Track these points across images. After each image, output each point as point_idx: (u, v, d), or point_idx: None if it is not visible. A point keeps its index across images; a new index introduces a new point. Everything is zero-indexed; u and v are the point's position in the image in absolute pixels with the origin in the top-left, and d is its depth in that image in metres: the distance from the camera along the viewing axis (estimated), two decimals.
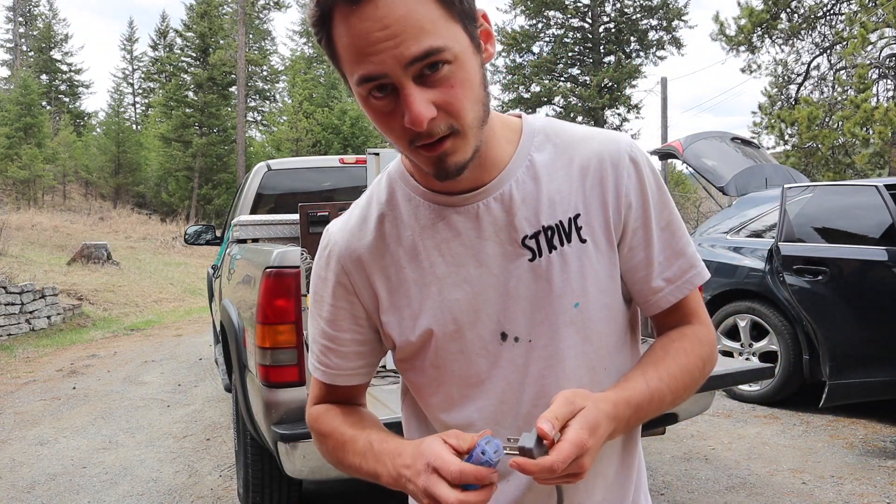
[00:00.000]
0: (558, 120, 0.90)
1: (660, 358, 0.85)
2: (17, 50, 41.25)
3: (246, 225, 3.74)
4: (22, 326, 8.45)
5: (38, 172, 26.15)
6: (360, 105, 0.75)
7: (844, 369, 4.02)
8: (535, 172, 0.84)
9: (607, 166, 0.84)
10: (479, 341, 0.85)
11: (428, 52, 0.69)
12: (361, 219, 0.90)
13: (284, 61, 39.73)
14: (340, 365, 0.92)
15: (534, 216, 0.83)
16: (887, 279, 4.01)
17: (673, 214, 0.88)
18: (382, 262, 0.87)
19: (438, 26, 0.69)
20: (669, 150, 6.91)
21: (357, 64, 0.70)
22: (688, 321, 0.91)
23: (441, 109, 0.71)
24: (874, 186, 4.17)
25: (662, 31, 25.72)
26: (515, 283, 0.83)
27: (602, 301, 0.85)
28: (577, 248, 0.83)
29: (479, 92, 0.74)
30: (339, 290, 0.90)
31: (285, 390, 2.39)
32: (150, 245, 19.58)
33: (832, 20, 12.66)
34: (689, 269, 0.88)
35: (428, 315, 0.86)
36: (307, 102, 30.48)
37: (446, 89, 0.71)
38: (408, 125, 0.71)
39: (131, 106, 42.20)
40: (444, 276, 0.85)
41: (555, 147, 0.86)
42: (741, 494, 3.28)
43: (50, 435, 4.48)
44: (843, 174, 11.41)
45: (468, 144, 0.75)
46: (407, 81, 0.70)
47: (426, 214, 0.86)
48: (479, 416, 0.87)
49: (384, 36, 0.68)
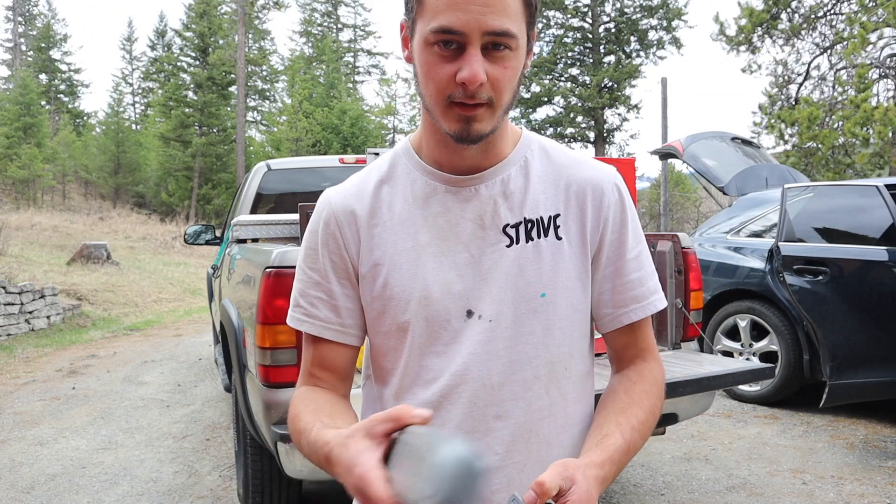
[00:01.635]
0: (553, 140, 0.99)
1: (626, 405, 0.90)
2: (16, 49, 41.24)
3: (246, 225, 3.74)
4: (21, 326, 8.44)
5: (38, 172, 26.13)
6: (417, 52, 0.83)
7: (845, 369, 4.02)
8: (527, 172, 0.92)
9: (592, 186, 0.92)
10: (446, 313, 0.89)
11: (506, 32, 0.78)
12: (359, 183, 0.97)
13: (284, 61, 39.71)
14: (330, 318, 0.94)
15: (518, 208, 0.90)
16: (887, 279, 4.01)
17: (643, 246, 0.96)
18: (372, 221, 0.93)
19: (517, 16, 0.80)
20: (669, 150, 6.92)
21: (442, 14, 0.78)
22: (641, 356, 0.97)
23: (490, 81, 0.80)
24: (874, 186, 4.17)
25: (662, 31, 25.71)
26: (490, 265, 0.89)
27: (569, 299, 0.90)
28: (552, 243, 0.90)
29: (517, 82, 0.84)
30: (330, 242, 0.94)
31: (285, 390, 2.39)
32: (149, 245, 19.57)
33: (832, 20, 12.66)
34: (650, 296, 0.95)
35: (403, 278, 0.90)
36: (307, 102, 30.47)
37: (500, 68, 0.80)
38: (461, 79, 0.78)
39: (130, 106, 42.19)
40: (426, 246, 0.90)
41: (548, 159, 0.94)
42: (741, 495, 3.28)
43: (49, 435, 4.47)
44: (843, 174, 11.40)
45: (493, 120, 0.83)
46: (476, 45, 0.78)
47: (421, 188, 0.92)
48: (429, 391, 0.90)
49: (479, 1, 0.77)
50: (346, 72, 39.21)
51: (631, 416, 0.88)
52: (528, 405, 0.90)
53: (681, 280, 3.23)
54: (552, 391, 0.91)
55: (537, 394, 0.90)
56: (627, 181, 3.03)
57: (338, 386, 0.96)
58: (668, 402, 2.77)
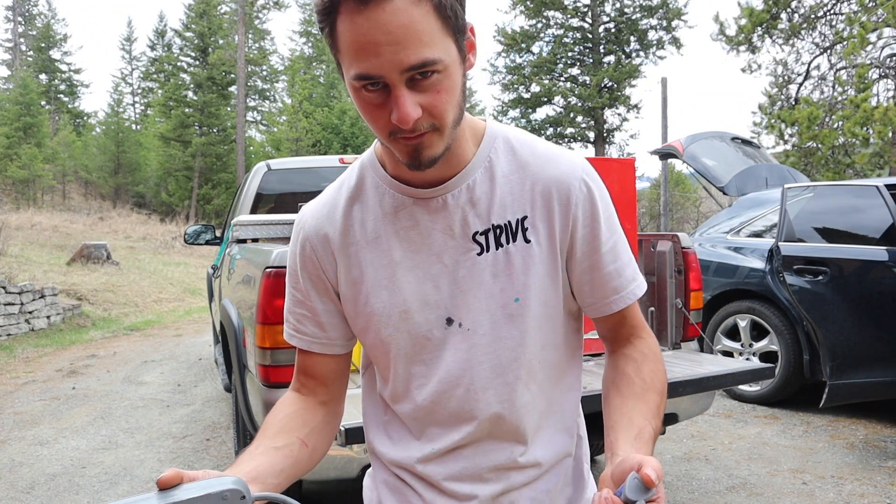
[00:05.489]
0: (522, 131, 0.97)
1: (643, 390, 0.92)
2: (16, 49, 41.24)
3: (246, 225, 3.73)
4: (21, 326, 8.44)
5: (38, 172, 26.14)
6: (351, 95, 0.81)
7: (845, 369, 4.02)
8: (492, 174, 0.91)
9: (558, 185, 0.91)
10: (426, 324, 0.92)
11: (424, 62, 0.75)
12: (331, 201, 0.98)
13: (284, 61, 39.71)
14: (316, 333, 0.99)
15: (486, 214, 0.90)
16: (887, 279, 4.01)
17: (618, 235, 0.96)
18: (346, 241, 0.95)
19: (435, 39, 0.75)
20: (669, 150, 6.92)
21: (356, 61, 0.75)
22: (636, 334, 0.99)
23: (426, 111, 0.78)
24: (874, 186, 4.17)
25: (662, 31, 25.69)
26: (464, 274, 0.91)
27: (541, 298, 0.92)
28: (521, 247, 0.90)
29: (458, 97, 0.81)
30: (308, 264, 0.97)
31: (285, 390, 2.38)
32: (149, 245, 19.57)
33: (832, 20, 12.66)
34: (629, 285, 0.96)
35: (381, 294, 0.93)
36: (307, 102, 30.48)
37: (433, 94, 0.78)
38: (395, 122, 0.77)
39: (130, 106, 42.20)
40: (400, 261, 0.92)
41: (514, 155, 0.93)
42: (741, 495, 3.28)
43: (49, 435, 4.47)
44: (843, 174, 11.40)
45: (443, 141, 0.82)
46: (399, 84, 0.76)
47: (390, 203, 0.93)
48: (422, 396, 0.95)
49: (386, 41, 0.73)
50: None
51: (650, 402, 0.90)
52: (512, 404, 0.94)
53: (681, 280, 3.23)
54: (532, 387, 0.95)
55: (520, 393, 0.94)
56: (627, 181, 3.02)
57: (318, 391, 1.02)
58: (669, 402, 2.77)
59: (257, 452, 0.88)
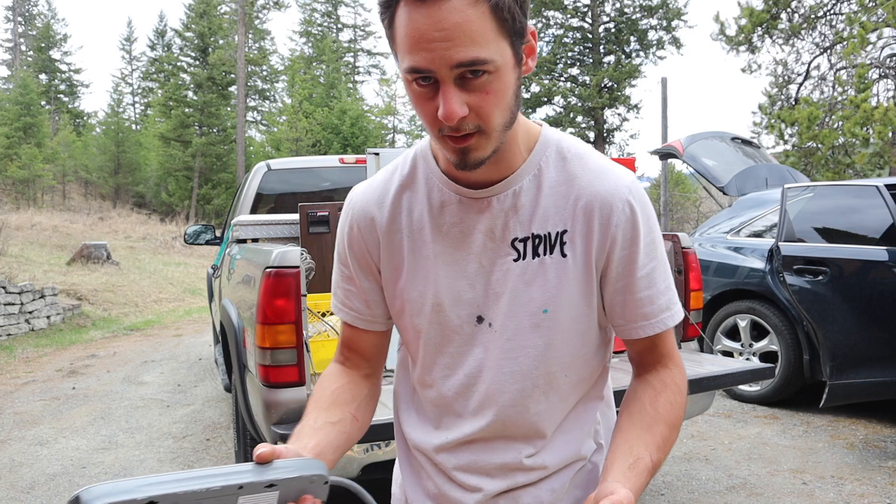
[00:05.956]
0: (577, 141, 0.96)
1: (653, 421, 0.92)
2: (16, 49, 41.24)
3: (246, 225, 3.74)
4: (21, 326, 8.44)
5: (38, 172, 26.13)
6: (404, 82, 0.83)
7: (845, 369, 4.02)
8: (539, 182, 0.92)
9: (601, 203, 0.90)
10: (457, 319, 0.95)
11: (473, 61, 0.76)
12: (383, 186, 1.00)
13: (284, 61, 39.69)
14: (361, 309, 1.03)
15: (527, 222, 0.91)
16: (887, 279, 4.01)
17: (657, 262, 0.94)
18: (392, 228, 0.97)
19: (488, 39, 0.76)
20: (669, 150, 6.91)
21: (409, 54, 0.78)
22: (663, 363, 0.97)
23: (472, 110, 0.79)
24: (874, 186, 4.17)
25: (662, 31, 25.69)
26: (498, 277, 0.92)
27: (571, 313, 0.92)
28: (557, 260, 0.91)
29: (510, 101, 0.82)
30: (354, 245, 1.01)
31: (285, 390, 2.39)
32: (149, 245, 19.56)
33: (832, 20, 12.66)
34: (660, 313, 0.94)
35: (417, 284, 0.96)
36: (307, 102, 30.47)
37: (482, 95, 0.79)
38: (440, 118, 0.79)
39: (130, 106, 42.18)
40: (439, 255, 0.94)
41: (564, 166, 0.92)
42: (741, 495, 3.28)
43: (49, 435, 4.47)
44: (843, 174, 11.40)
45: (490, 144, 0.83)
46: (448, 80, 0.77)
47: (437, 197, 0.95)
48: (447, 387, 0.98)
49: (439, 37, 0.75)
50: (346, 72, 39.20)
51: (657, 434, 0.90)
52: (527, 410, 0.95)
53: (681, 280, 3.23)
54: (551, 396, 0.96)
55: (536, 400, 0.95)
56: None
57: (361, 365, 1.06)
58: None
59: (317, 427, 0.91)
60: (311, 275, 3.37)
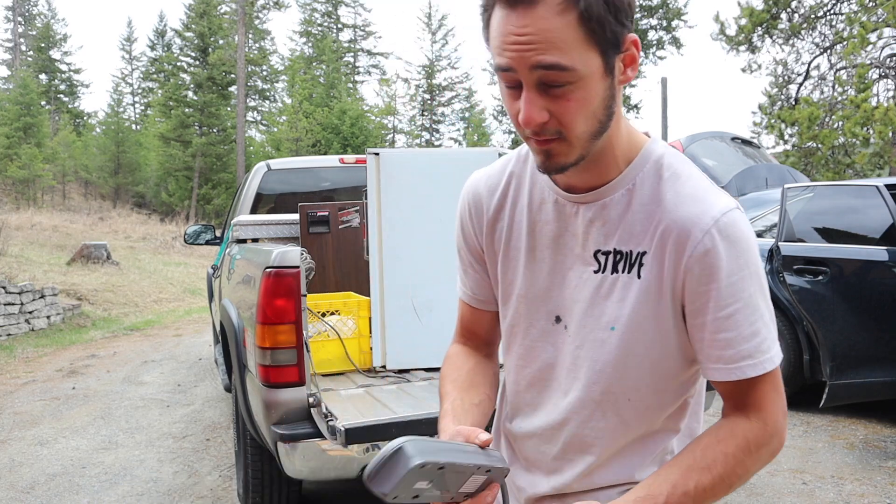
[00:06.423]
0: (682, 160, 0.92)
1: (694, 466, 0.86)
2: (16, 49, 41.24)
3: (246, 225, 3.73)
4: (21, 326, 8.44)
5: (38, 172, 26.12)
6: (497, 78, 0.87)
7: (845, 369, 4.02)
8: (630, 198, 0.90)
9: (679, 230, 0.86)
10: (537, 313, 0.99)
11: (552, 65, 0.78)
12: (497, 175, 1.04)
13: (284, 61, 39.68)
14: (474, 289, 1.10)
15: (612, 236, 0.91)
16: (887, 279, 4.01)
17: (745, 304, 0.86)
18: (497, 216, 1.03)
19: (572, 47, 0.78)
20: None
21: (497, 53, 0.82)
22: (745, 413, 0.90)
23: (553, 117, 0.82)
24: (874, 186, 4.17)
25: (662, 31, 25.71)
26: (577, 283, 0.94)
27: (638, 338, 0.90)
28: (633, 280, 0.90)
29: (596, 110, 0.83)
30: (466, 229, 1.08)
31: (285, 390, 2.39)
32: (149, 245, 19.56)
33: (832, 20, 12.66)
34: (745, 359, 0.87)
35: (507, 274, 1.02)
36: (307, 102, 30.45)
37: (563, 102, 0.81)
38: (519, 120, 0.82)
39: (130, 106, 42.17)
40: (532, 249, 0.98)
41: (658, 185, 0.90)
42: (741, 495, 3.28)
43: (49, 435, 4.47)
44: (843, 174, 11.40)
45: (573, 151, 0.85)
46: (530, 84, 0.80)
47: (539, 194, 0.98)
48: (522, 376, 1.02)
49: (522, 40, 0.78)
50: (346, 72, 39.18)
51: (690, 480, 0.85)
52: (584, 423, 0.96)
53: None
54: (610, 416, 0.94)
55: (591, 413, 0.95)
56: None
57: (481, 346, 1.13)
58: None
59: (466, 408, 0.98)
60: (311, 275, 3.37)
